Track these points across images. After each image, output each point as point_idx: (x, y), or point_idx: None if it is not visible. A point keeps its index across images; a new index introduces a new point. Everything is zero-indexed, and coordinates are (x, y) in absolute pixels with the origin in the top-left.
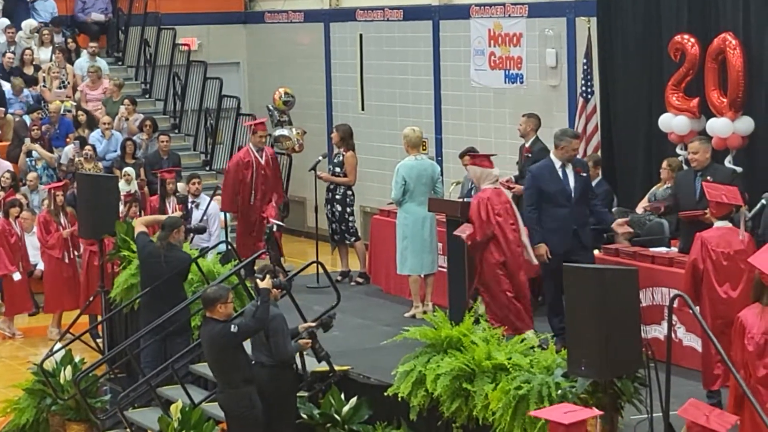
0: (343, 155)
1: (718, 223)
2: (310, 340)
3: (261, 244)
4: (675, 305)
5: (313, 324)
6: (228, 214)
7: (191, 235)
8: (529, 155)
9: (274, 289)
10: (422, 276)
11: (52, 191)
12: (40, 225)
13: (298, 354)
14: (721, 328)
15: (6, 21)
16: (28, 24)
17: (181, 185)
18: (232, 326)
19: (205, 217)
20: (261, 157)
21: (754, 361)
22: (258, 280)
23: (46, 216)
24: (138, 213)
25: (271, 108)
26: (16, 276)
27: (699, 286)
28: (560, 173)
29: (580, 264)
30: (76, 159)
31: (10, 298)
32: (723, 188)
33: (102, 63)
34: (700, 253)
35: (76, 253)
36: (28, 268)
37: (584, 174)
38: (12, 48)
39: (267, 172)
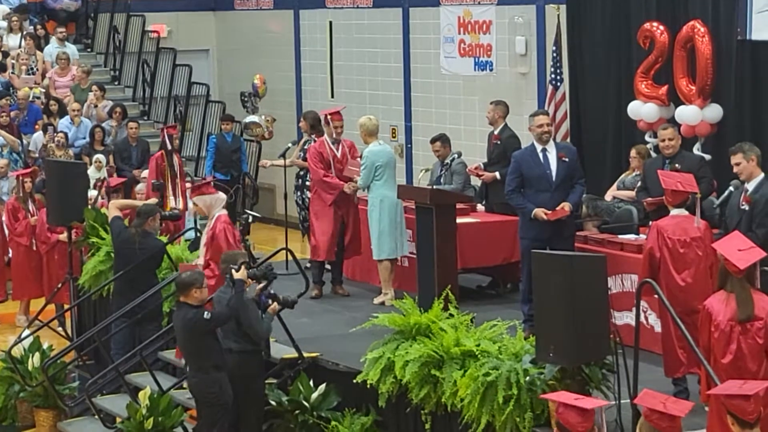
0: (313, 141)
1: (674, 211)
2: (274, 303)
3: None
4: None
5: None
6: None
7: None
8: (498, 142)
9: (248, 279)
10: (393, 261)
11: (21, 178)
12: (8, 212)
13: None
14: (680, 316)
15: None
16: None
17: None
18: (206, 313)
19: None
20: (337, 150)
21: (720, 348)
22: (233, 270)
23: (14, 203)
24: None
25: (246, 95)
26: None
27: (657, 273)
28: (541, 157)
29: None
30: (49, 145)
31: None
32: (678, 176)
33: (71, 49)
34: (656, 241)
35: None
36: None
37: (567, 159)
38: None
39: (342, 166)
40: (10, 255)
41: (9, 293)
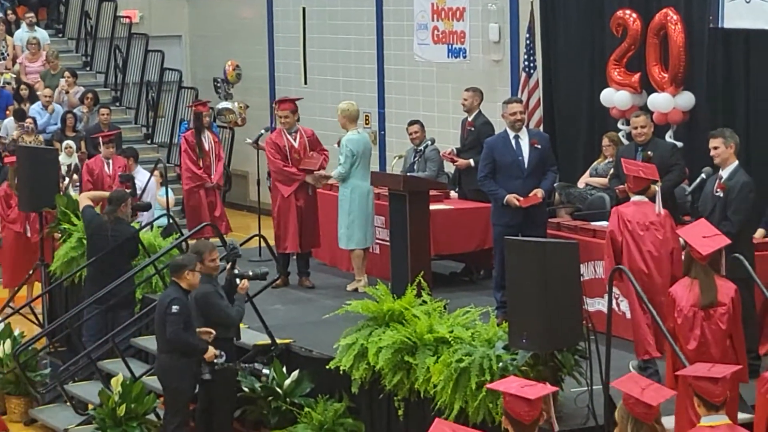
0: None
1: (634, 198)
2: (244, 281)
3: None
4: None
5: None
6: (170, 191)
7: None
8: (472, 129)
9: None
10: (369, 250)
11: (12, 165)
12: (0, 199)
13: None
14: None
15: None
16: None
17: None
18: (174, 307)
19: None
20: (295, 140)
21: (685, 334)
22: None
23: (6, 190)
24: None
25: (219, 81)
26: None
27: (620, 258)
28: (514, 144)
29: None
30: (16, 133)
31: None
32: (641, 164)
33: (42, 34)
34: (617, 225)
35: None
36: None
37: (539, 146)
38: None
39: (300, 156)
40: (1, 242)
41: None
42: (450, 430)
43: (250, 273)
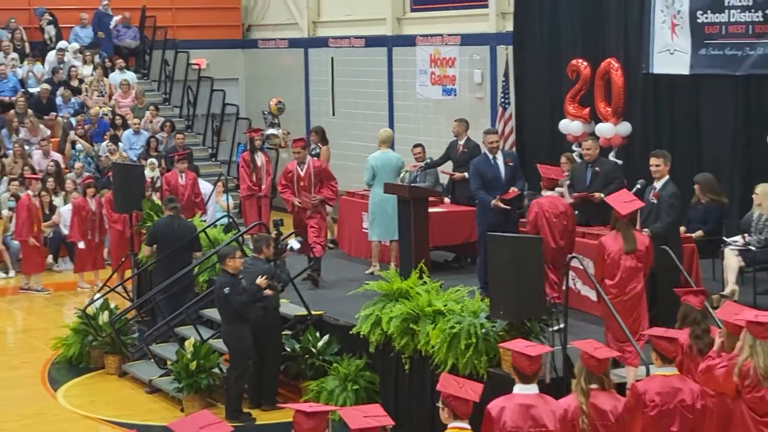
0: (320, 148)
1: (546, 193)
2: (263, 281)
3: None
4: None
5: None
6: (229, 197)
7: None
8: (465, 150)
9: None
10: (383, 242)
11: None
12: (106, 204)
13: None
14: (552, 265)
15: (64, 43)
16: (73, 47)
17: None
18: (226, 289)
19: (209, 200)
20: (302, 170)
21: (611, 271)
22: (258, 278)
23: (110, 196)
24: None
25: (265, 113)
26: (81, 245)
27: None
28: (492, 164)
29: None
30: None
31: (27, 257)
32: (552, 168)
33: (131, 77)
34: (536, 214)
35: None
36: (104, 235)
37: (512, 164)
38: (61, 65)
39: (305, 184)
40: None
41: (108, 262)
42: (455, 381)
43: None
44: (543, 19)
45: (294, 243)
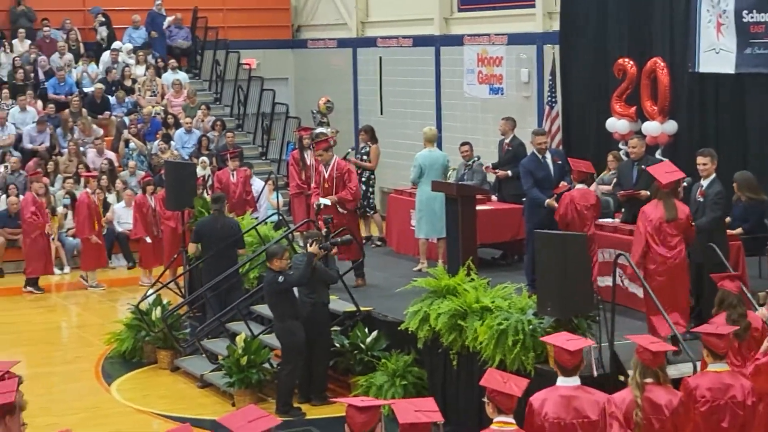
0: (369, 147)
1: (579, 186)
2: (315, 248)
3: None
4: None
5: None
6: (279, 195)
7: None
8: (510, 148)
9: (320, 250)
10: (430, 240)
11: None
12: (159, 201)
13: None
14: None
15: (118, 43)
16: (126, 47)
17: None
18: (280, 277)
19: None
20: (326, 171)
21: (654, 238)
22: (307, 245)
23: (163, 194)
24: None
25: (314, 112)
26: (148, 239)
27: (568, 229)
28: (542, 162)
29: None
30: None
31: (87, 253)
32: (581, 161)
33: (183, 77)
34: (567, 206)
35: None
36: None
37: (560, 162)
38: (115, 65)
39: (329, 185)
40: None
41: (136, 262)
42: (499, 376)
43: (339, 240)
44: (590, 19)
45: (325, 200)
